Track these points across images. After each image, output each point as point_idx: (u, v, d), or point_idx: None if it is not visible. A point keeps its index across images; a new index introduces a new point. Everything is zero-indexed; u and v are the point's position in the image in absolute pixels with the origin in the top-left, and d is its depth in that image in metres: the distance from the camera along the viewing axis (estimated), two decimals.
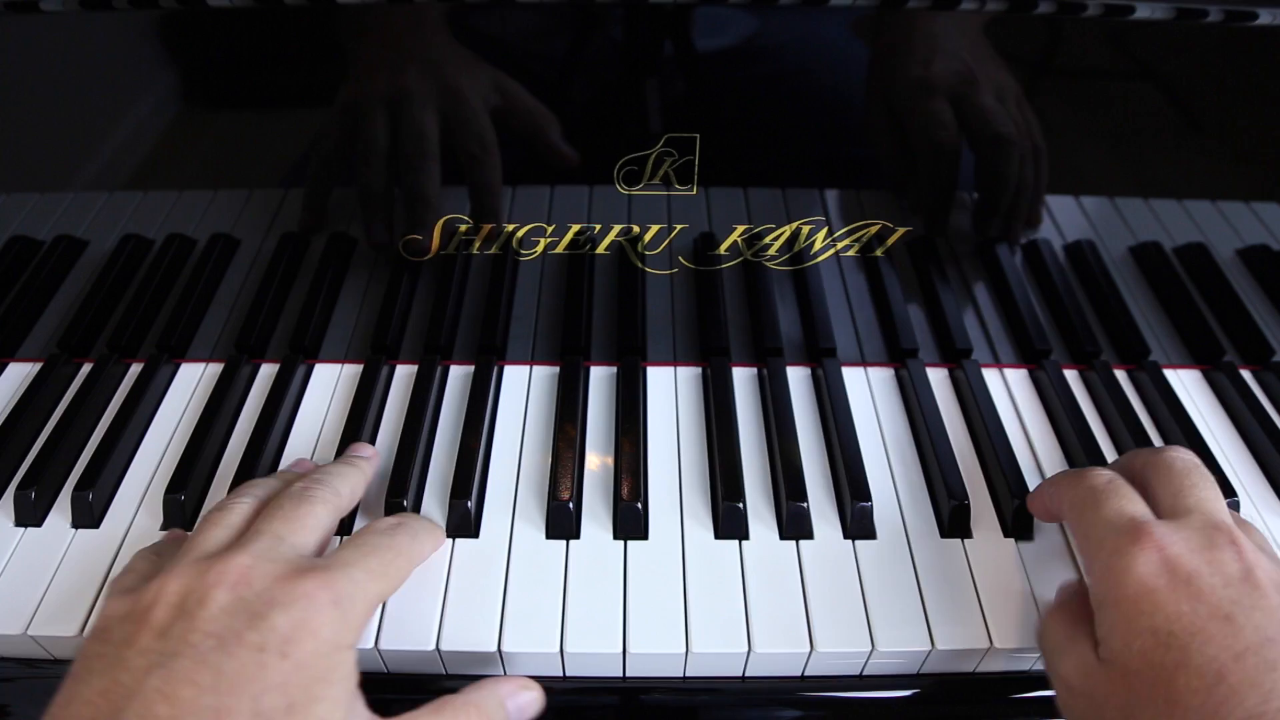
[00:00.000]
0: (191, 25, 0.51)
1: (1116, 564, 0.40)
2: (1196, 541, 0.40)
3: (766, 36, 0.51)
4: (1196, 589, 0.38)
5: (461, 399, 0.60)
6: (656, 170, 0.55)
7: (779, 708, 0.49)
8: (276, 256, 0.61)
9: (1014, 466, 0.55)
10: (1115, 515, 0.42)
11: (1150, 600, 0.39)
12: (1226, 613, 0.38)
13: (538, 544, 0.51)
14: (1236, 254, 0.63)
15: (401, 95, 0.53)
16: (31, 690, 0.49)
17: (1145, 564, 0.39)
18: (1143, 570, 0.39)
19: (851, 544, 0.52)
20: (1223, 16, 0.50)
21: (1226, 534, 0.41)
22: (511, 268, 0.61)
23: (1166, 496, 0.44)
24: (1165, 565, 0.39)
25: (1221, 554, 0.40)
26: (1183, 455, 0.46)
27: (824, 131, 0.56)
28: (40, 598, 0.48)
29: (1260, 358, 0.65)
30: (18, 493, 0.52)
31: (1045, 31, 0.52)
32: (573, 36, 0.51)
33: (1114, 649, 0.39)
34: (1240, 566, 0.39)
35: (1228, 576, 0.39)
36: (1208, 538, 0.40)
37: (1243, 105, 0.56)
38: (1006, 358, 0.65)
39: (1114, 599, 0.40)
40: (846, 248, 0.61)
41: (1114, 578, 0.40)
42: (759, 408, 0.61)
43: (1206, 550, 0.40)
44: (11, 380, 0.63)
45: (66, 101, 0.54)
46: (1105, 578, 0.41)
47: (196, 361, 0.64)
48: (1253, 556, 0.40)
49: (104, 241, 0.61)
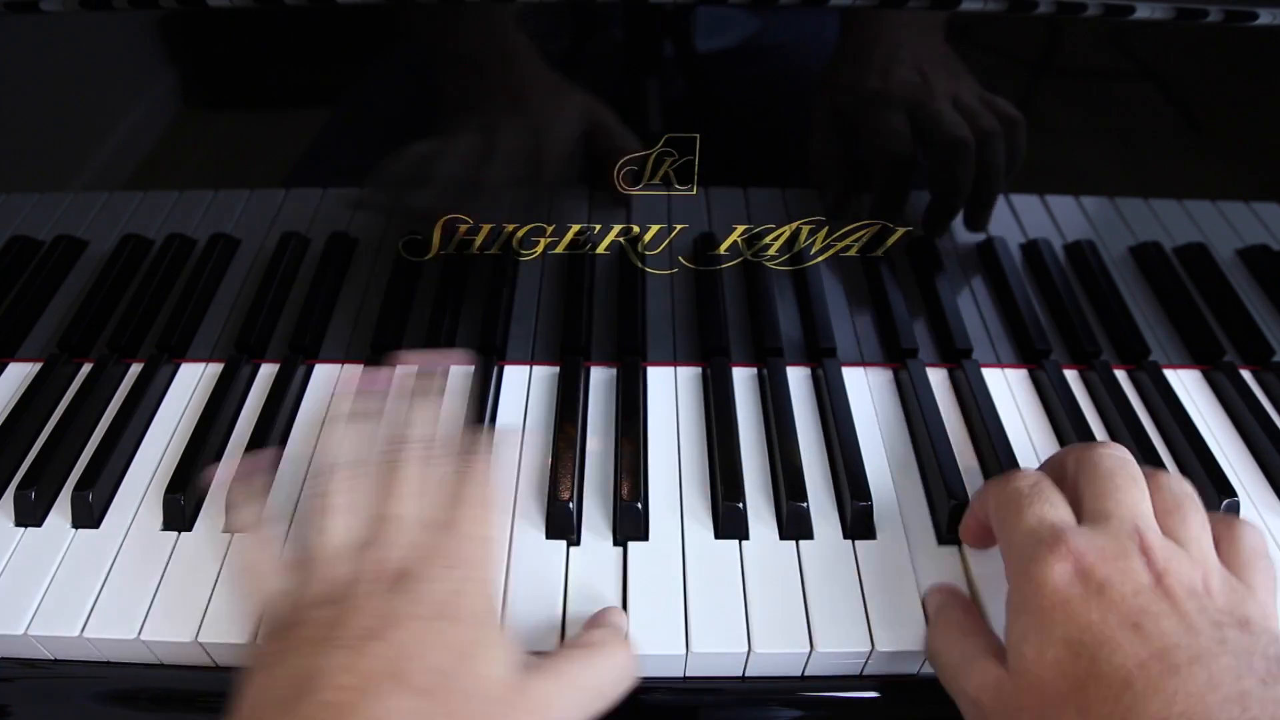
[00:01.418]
0: (191, 25, 0.51)
1: (1034, 572, 0.40)
2: (1111, 549, 0.40)
3: (766, 36, 0.51)
4: (1108, 598, 0.38)
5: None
6: (656, 170, 0.55)
7: (779, 708, 0.49)
8: (276, 256, 0.61)
9: (1014, 466, 0.55)
10: (1036, 522, 0.42)
11: (1064, 610, 0.39)
12: (1134, 621, 0.38)
13: (538, 544, 0.51)
14: (1236, 254, 0.63)
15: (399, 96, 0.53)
16: (31, 690, 0.49)
17: (1060, 573, 0.39)
18: (1057, 580, 0.39)
19: (851, 544, 0.52)
20: (1223, 16, 0.50)
21: (1138, 540, 0.40)
22: (511, 268, 0.61)
23: (1090, 498, 0.44)
24: (1079, 574, 0.39)
25: (1132, 562, 0.40)
26: (1110, 453, 0.45)
27: (824, 131, 0.55)
28: (40, 598, 0.48)
29: (1260, 358, 0.65)
30: (18, 493, 0.53)
31: (1044, 32, 0.52)
32: (573, 36, 0.51)
33: (1026, 659, 0.39)
34: (1150, 575, 0.39)
35: (1138, 585, 0.39)
36: (1121, 546, 0.40)
37: (1243, 105, 0.56)
38: (1006, 358, 0.65)
39: (1030, 608, 0.40)
40: (846, 248, 0.61)
41: (1030, 587, 0.40)
42: (759, 408, 0.61)
43: (1120, 559, 0.40)
44: (11, 380, 0.63)
45: (66, 101, 0.54)
46: (1023, 586, 0.41)
47: (196, 361, 0.64)
48: (1165, 563, 0.40)
49: (104, 241, 0.61)
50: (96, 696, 0.49)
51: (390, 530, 0.43)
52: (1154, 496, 0.44)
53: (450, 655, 0.38)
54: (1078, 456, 0.46)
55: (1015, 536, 0.43)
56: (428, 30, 0.51)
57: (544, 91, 0.52)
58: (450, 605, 0.40)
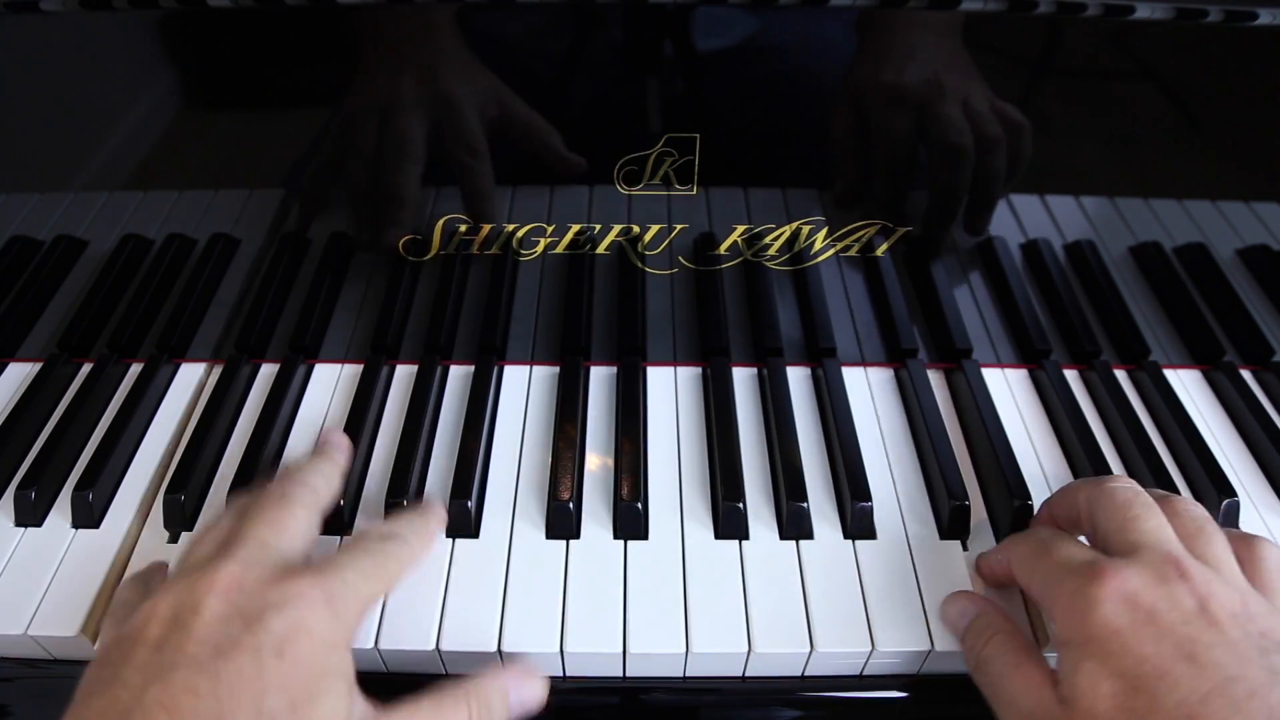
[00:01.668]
0: (191, 25, 0.51)
1: (1078, 604, 0.40)
2: (1150, 576, 0.40)
3: (766, 36, 0.51)
4: (1159, 628, 0.38)
5: (461, 399, 0.60)
6: (656, 170, 0.55)
7: (779, 708, 0.49)
8: (276, 256, 0.61)
9: (1014, 467, 0.55)
10: (1067, 558, 0.43)
11: (1117, 641, 0.38)
12: (1188, 652, 0.37)
13: (538, 544, 0.51)
14: (1236, 254, 0.63)
15: (393, 97, 0.53)
16: (31, 690, 0.49)
17: (1107, 602, 0.39)
18: (1106, 610, 0.39)
19: (851, 544, 0.52)
20: (1223, 16, 0.50)
21: (1176, 566, 0.40)
22: (511, 268, 0.61)
23: (1113, 532, 0.43)
24: (1126, 602, 0.39)
25: (1175, 589, 0.39)
26: (1122, 485, 0.45)
27: (824, 131, 0.56)
28: (40, 598, 0.48)
29: (1260, 358, 0.65)
30: (18, 493, 0.52)
31: (1045, 32, 0.52)
32: (573, 36, 0.51)
33: (1080, 690, 0.39)
34: (1195, 601, 0.39)
35: (1185, 612, 0.39)
36: (1159, 573, 0.40)
37: (1243, 105, 0.56)
38: (1006, 358, 0.65)
39: (1080, 640, 0.39)
40: (846, 248, 0.61)
41: (1077, 618, 0.40)
42: (759, 408, 0.61)
43: (1162, 585, 0.39)
44: (11, 380, 0.63)
45: (66, 101, 0.54)
46: (1068, 618, 0.40)
47: (196, 361, 0.64)
48: (1205, 588, 0.39)
49: (104, 241, 0.61)
50: None
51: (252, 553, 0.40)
52: (1173, 522, 0.44)
53: (281, 700, 0.36)
54: (1088, 493, 0.46)
55: (1049, 575, 0.42)
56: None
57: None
58: (289, 643, 0.37)
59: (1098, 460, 0.56)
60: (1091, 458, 0.56)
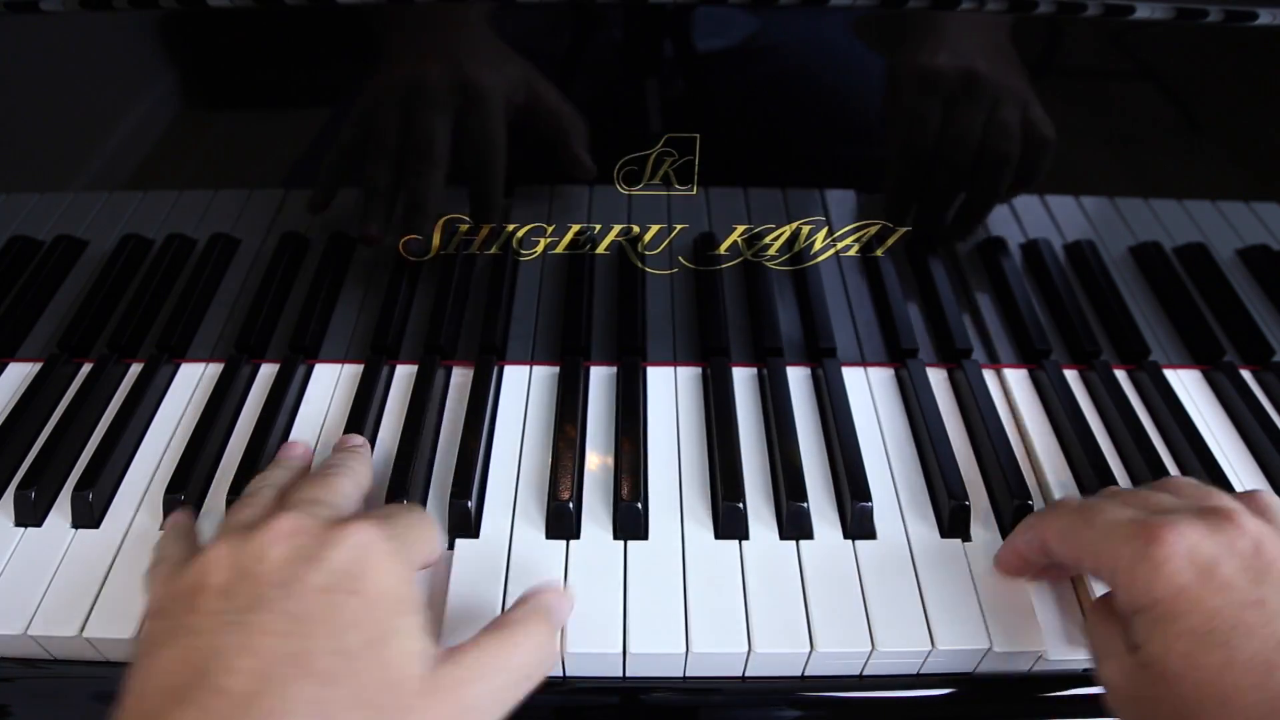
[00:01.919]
0: (191, 25, 0.51)
1: (1141, 570, 0.39)
2: (1204, 526, 0.39)
3: (766, 36, 0.51)
4: (1221, 579, 0.38)
5: (461, 399, 0.60)
6: (656, 170, 0.55)
7: (779, 708, 0.49)
8: (276, 256, 0.61)
9: (1014, 466, 0.55)
10: (1113, 521, 0.42)
11: (1185, 599, 0.38)
12: (1256, 598, 0.37)
13: (538, 544, 0.51)
14: (1236, 254, 0.63)
15: (416, 90, 0.52)
16: (31, 690, 0.49)
17: (1170, 560, 0.39)
18: (1170, 568, 0.38)
19: (851, 544, 0.52)
20: (1223, 16, 0.50)
21: (1223, 513, 0.40)
22: (511, 268, 0.61)
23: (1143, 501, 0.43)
24: (1188, 558, 0.39)
25: (1230, 535, 0.39)
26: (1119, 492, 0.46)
27: (824, 131, 0.56)
28: (40, 598, 0.48)
29: (1260, 358, 0.65)
30: (18, 493, 0.52)
31: (1045, 32, 0.52)
32: (573, 36, 0.51)
33: (1154, 653, 0.38)
34: (1250, 543, 0.39)
35: (1245, 558, 0.39)
36: (1211, 523, 0.40)
37: (1243, 105, 0.56)
38: (1007, 358, 0.65)
39: (1146, 603, 0.39)
40: (846, 248, 0.61)
41: (1141, 582, 0.39)
42: (759, 408, 0.61)
43: (1216, 534, 0.39)
44: (11, 380, 0.63)
45: (66, 101, 0.54)
46: (1131, 584, 0.40)
47: (196, 361, 0.64)
48: (1256, 530, 0.39)
49: (104, 241, 0.61)
50: (96, 696, 0.49)
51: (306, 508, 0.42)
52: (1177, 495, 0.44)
53: (357, 637, 0.36)
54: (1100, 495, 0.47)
55: (1099, 544, 0.42)
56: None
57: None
58: (359, 579, 0.38)
59: (1098, 460, 0.56)
60: (1092, 457, 0.56)
